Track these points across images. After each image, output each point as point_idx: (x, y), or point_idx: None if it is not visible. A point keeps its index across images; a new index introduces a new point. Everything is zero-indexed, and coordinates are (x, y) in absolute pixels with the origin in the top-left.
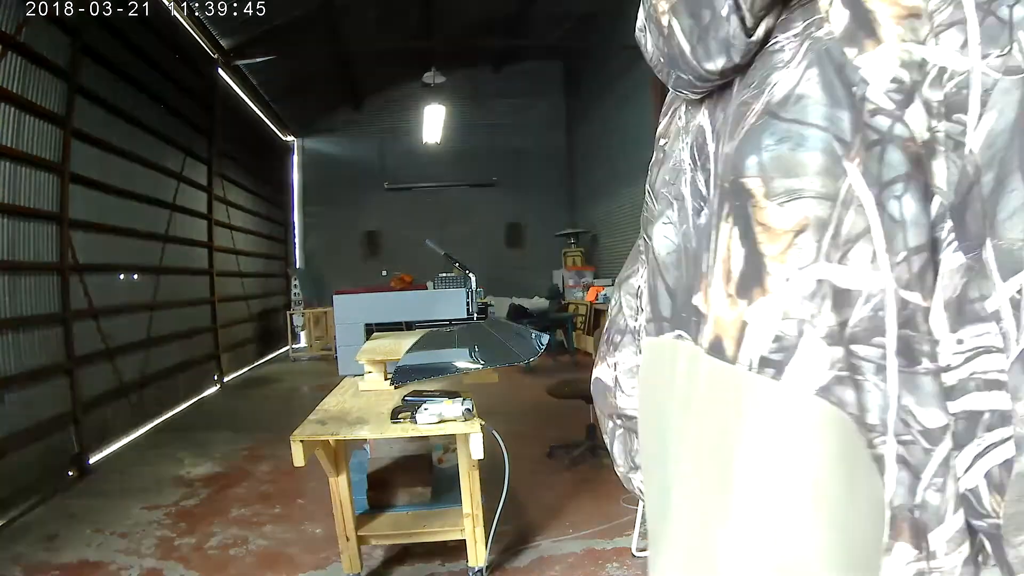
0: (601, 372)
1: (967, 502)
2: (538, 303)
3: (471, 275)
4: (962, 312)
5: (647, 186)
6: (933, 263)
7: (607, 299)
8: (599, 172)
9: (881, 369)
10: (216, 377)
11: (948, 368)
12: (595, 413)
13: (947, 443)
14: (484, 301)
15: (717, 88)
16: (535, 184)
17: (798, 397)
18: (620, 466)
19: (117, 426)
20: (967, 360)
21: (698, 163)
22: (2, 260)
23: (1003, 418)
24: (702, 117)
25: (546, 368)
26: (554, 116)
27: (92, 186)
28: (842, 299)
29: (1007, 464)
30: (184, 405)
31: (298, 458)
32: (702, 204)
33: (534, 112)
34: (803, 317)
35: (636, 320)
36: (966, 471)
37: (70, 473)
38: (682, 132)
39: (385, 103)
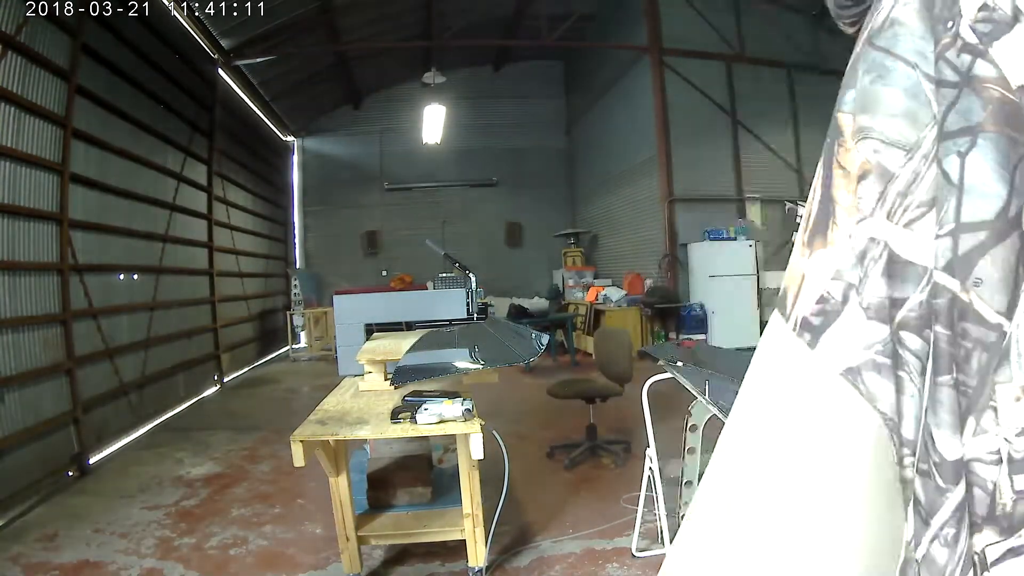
0: None
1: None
2: (538, 303)
3: (471, 275)
4: None
5: None
6: (1009, 251)
7: (607, 299)
8: (599, 172)
9: (922, 372)
10: (216, 377)
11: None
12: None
13: (962, 487)
14: (484, 301)
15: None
16: (535, 184)
17: (826, 375)
18: None
19: (117, 426)
20: None
21: None
22: (2, 260)
23: None
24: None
25: (546, 368)
26: (554, 116)
27: (92, 186)
28: (899, 271)
29: None
30: (184, 405)
31: (298, 458)
32: None
33: (534, 112)
34: (851, 280)
35: None
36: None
37: (70, 473)
38: None
39: (385, 103)
